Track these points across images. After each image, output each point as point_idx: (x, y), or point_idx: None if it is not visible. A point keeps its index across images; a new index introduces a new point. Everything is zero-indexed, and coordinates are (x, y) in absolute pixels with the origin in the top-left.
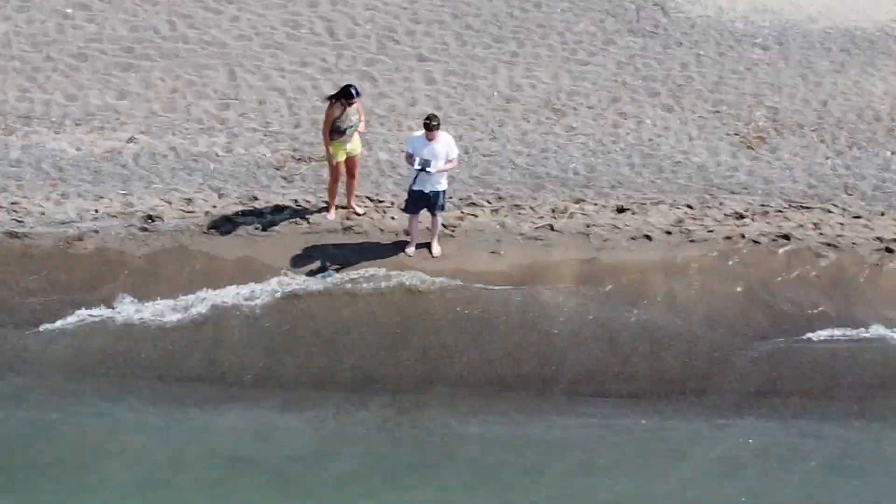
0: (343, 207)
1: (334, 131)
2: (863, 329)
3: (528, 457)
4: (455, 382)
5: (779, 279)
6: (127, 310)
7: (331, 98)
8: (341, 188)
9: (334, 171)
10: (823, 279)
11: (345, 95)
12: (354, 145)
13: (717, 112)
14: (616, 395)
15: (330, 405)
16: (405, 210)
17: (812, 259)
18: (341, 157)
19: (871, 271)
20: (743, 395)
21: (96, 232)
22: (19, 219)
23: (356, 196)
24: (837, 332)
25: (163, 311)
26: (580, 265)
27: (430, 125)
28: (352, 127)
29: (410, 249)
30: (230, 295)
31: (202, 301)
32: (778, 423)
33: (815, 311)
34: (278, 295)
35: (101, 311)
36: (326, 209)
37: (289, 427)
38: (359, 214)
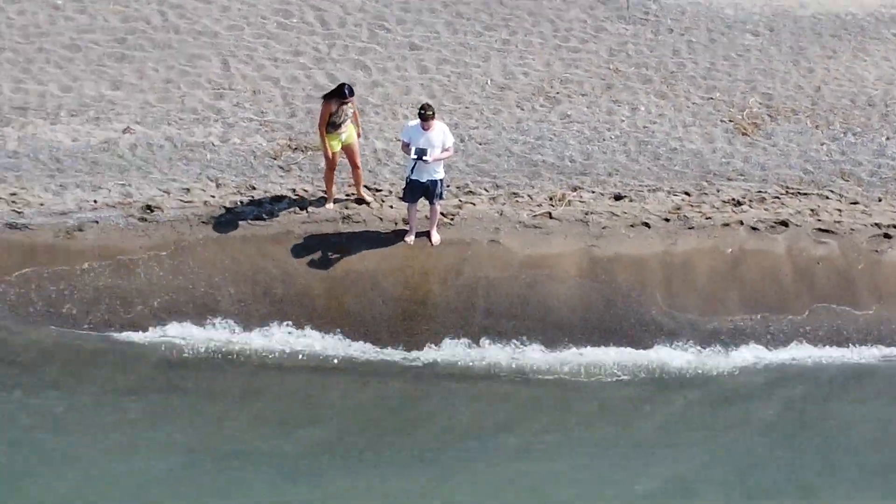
0: (352, 199)
1: (330, 125)
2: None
3: None
4: None
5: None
6: None
7: (325, 97)
8: (339, 177)
9: (330, 161)
10: (823, 265)
11: (338, 95)
12: (349, 133)
13: (711, 98)
14: None
15: None
16: (403, 199)
17: (811, 245)
18: (337, 148)
19: (870, 257)
20: None
21: (96, 222)
22: (18, 210)
23: (364, 186)
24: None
25: None
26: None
27: (425, 115)
28: (347, 119)
29: (410, 238)
30: None
31: None
32: None
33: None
34: None
35: None
36: (325, 199)
37: None
38: (368, 203)
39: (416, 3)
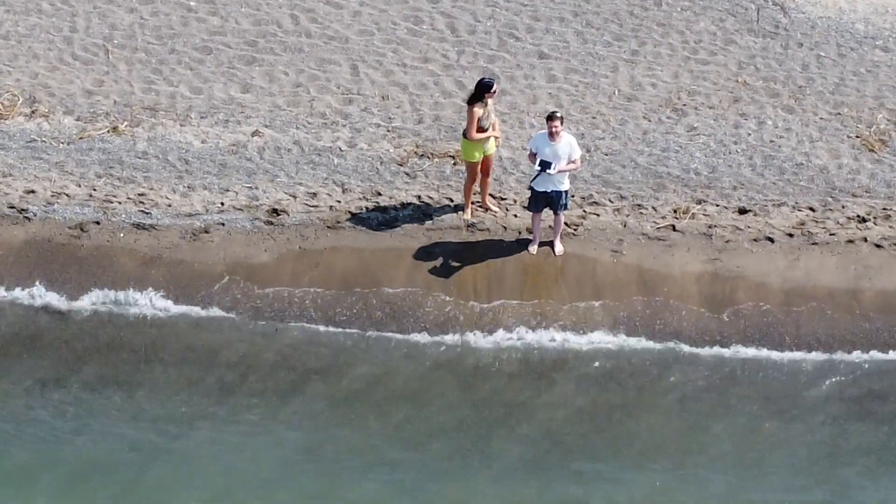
0: (480, 206)
1: (479, 130)
2: None
3: None
4: None
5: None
6: None
7: (470, 101)
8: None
9: (473, 171)
10: None
11: (486, 89)
12: (490, 144)
13: (839, 114)
14: None
15: None
16: (528, 208)
17: None
18: (478, 157)
19: None
20: None
21: (222, 224)
22: (146, 210)
23: (490, 195)
24: None
25: None
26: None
27: (553, 116)
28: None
29: (533, 248)
30: None
31: None
32: None
33: None
34: None
35: None
36: (461, 208)
37: None
38: (494, 213)
39: (546, 13)
